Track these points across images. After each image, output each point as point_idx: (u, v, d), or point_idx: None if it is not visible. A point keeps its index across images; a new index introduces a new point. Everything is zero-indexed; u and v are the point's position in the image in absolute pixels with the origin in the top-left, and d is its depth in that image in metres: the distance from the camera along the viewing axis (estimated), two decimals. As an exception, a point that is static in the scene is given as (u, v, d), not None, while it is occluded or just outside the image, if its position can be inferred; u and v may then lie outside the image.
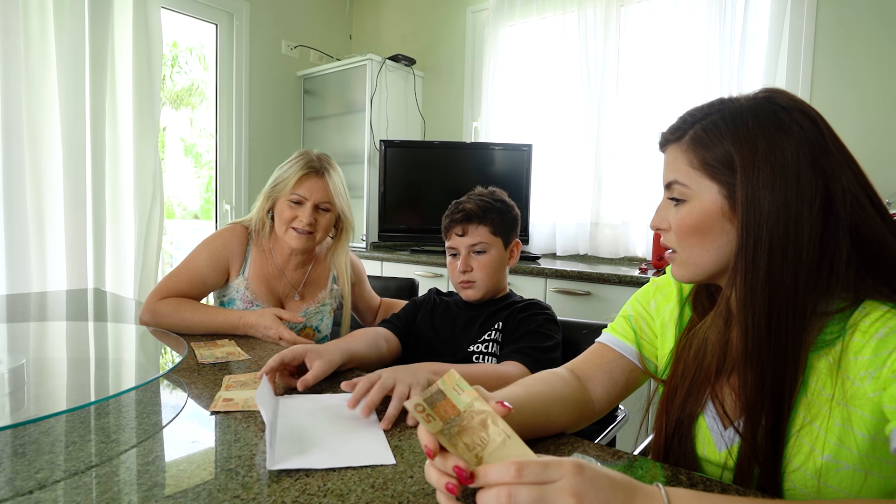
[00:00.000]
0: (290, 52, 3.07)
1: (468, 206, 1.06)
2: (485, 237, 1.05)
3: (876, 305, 0.52)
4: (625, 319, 0.75)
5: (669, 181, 0.61)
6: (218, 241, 1.20)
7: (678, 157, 0.60)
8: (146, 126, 2.31)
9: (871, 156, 1.80)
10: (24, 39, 2.00)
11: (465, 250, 1.06)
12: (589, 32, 2.32)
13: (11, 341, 1.02)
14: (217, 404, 0.71)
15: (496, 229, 1.06)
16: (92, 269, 2.21)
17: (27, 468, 0.52)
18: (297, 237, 1.17)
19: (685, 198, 0.59)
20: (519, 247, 1.13)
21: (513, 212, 1.11)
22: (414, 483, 0.51)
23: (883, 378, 0.48)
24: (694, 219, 0.58)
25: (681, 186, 0.59)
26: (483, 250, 1.06)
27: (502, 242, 1.08)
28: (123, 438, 0.60)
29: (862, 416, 0.50)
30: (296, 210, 1.17)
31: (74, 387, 0.80)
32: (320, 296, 1.28)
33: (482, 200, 1.07)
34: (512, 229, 1.10)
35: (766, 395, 0.54)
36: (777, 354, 0.53)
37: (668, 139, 0.62)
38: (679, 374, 0.64)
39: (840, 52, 1.86)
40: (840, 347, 0.52)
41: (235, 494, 0.48)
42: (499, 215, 1.07)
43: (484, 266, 1.05)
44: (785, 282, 0.52)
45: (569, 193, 2.42)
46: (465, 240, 1.06)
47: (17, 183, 2.00)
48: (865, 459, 0.50)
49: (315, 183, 1.17)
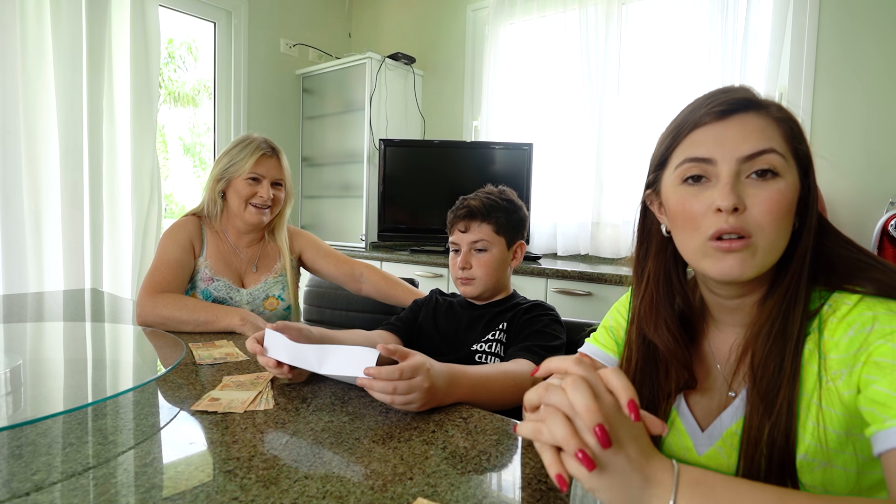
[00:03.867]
0: (288, 50, 3.06)
1: (473, 203, 1.05)
2: (486, 235, 1.05)
3: (842, 299, 0.52)
4: (605, 329, 0.74)
5: (760, 150, 0.52)
6: (176, 229, 1.29)
7: (769, 125, 0.53)
8: (144, 124, 2.30)
9: (875, 154, 1.80)
10: (21, 37, 1.99)
11: (466, 247, 1.06)
12: (590, 30, 2.32)
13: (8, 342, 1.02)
14: (202, 403, 0.70)
15: (499, 228, 1.05)
16: (89, 270, 2.21)
17: (24, 470, 0.51)
18: (256, 212, 1.28)
19: (779, 171, 0.52)
20: (523, 248, 1.11)
21: (519, 213, 1.09)
22: (413, 485, 0.51)
23: (856, 378, 0.49)
24: (791, 197, 0.52)
25: (778, 158, 0.52)
26: (484, 248, 1.05)
27: (505, 242, 1.07)
28: (121, 440, 0.59)
29: (834, 414, 0.50)
30: (255, 187, 1.28)
31: (72, 388, 0.79)
32: (276, 266, 1.36)
33: (489, 198, 1.06)
34: (517, 230, 1.09)
35: (787, 374, 0.53)
36: (795, 339, 0.53)
37: (748, 104, 0.54)
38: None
39: (843, 50, 1.85)
40: (811, 347, 0.53)
41: (234, 496, 0.48)
42: (504, 214, 1.06)
43: (483, 264, 1.04)
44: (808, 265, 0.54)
45: (570, 193, 2.42)
46: (466, 236, 1.05)
47: (13, 182, 2.00)
48: (835, 455, 0.51)
49: (270, 162, 1.30)
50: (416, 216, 2.61)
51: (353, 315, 1.61)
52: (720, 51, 1.98)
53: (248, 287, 1.30)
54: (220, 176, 1.29)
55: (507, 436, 0.63)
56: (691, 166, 0.55)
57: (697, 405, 0.62)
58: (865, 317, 0.50)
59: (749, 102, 0.54)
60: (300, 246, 1.41)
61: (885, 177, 1.78)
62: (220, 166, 1.29)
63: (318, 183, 3.06)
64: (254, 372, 0.86)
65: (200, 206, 1.33)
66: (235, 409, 0.69)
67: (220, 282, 1.26)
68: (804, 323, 0.53)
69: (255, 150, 1.27)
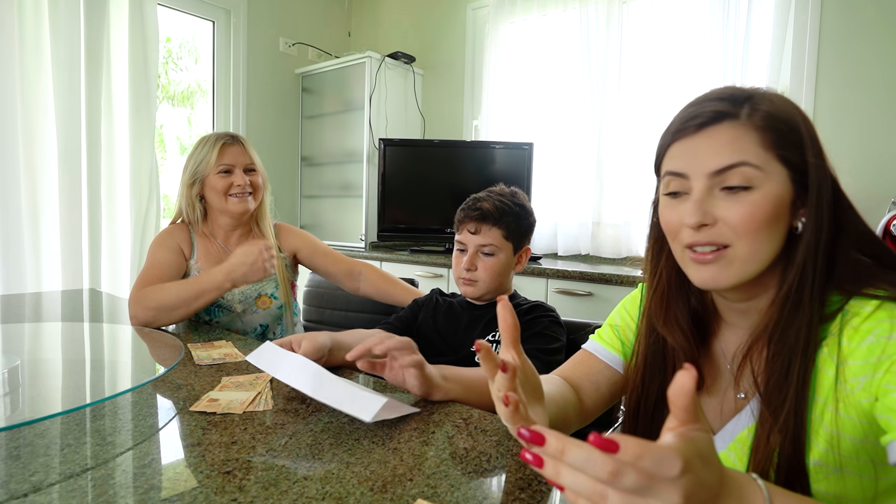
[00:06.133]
0: (288, 49, 3.05)
1: (486, 206, 1.03)
2: (496, 240, 1.03)
3: (861, 304, 0.51)
4: (611, 328, 0.73)
5: (729, 164, 0.51)
6: (164, 235, 1.29)
7: (742, 134, 0.52)
8: (142, 124, 2.30)
9: (876, 154, 1.80)
10: (19, 36, 1.98)
11: (474, 249, 1.04)
12: (591, 29, 2.32)
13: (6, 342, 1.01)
14: (200, 404, 0.70)
15: (509, 234, 1.04)
16: (87, 270, 2.20)
17: (22, 471, 0.51)
18: (238, 201, 1.26)
19: (752, 184, 0.51)
20: (528, 254, 1.10)
21: (529, 218, 1.09)
22: (413, 486, 0.51)
23: (875, 386, 0.48)
24: (770, 207, 0.51)
25: (751, 170, 0.51)
26: (491, 253, 1.03)
27: (512, 248, 1.06)
28: (119, 441, 0.59)
29: (851, 421, 0.50)
30: (228, 178, 1.25)
31: (70, 388, 0.79)
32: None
33: (501, 202, 1.04)
34: (525, 236, 1.08)
35: (798, 381, 0.52)
36: (805, 345, 0.52)
37: (719, 115, 0.53)
38: (639, 393, 0.64)
39: (845, 50, 1.85)
40: (827, 352, 0.52)
41: (233, 498, 0.48)
42: (514, 220, 1.04)
43: (489, 268, 1.03)
44: (818, 269, 0.52)
45: (570, 192, 2.41)
46: (476, 238, 1.04)
47: (11, 182, 1.99)
48: (850, 462, 0.50)
49: (235, 149, 1.27)
50: (415, 216, 2.61)
51: (352, 315, 1.60)
52: (721, 50, 1.98)
53: (241, 286, 1.29)
54: (192, 179, 1.26)
55: (507, 436, 0.63)
56: (670, 180, 0.56)
57: (707, 406, 0.61)
58: (885, 324, 0.49)
59: (721, 114, 0.53)
60: (294, 244, 1.39)
61: (888, 176, 1.78)
62: (189, 171, 1.27)
63: (318, 183, 3.06)
64: (252, 373, 0.85)
65: (178, 215, 1.32)
66: (234, 409, 0.69)
67: None
68: (814, 329, 0.52)
69: (215, 141, 1.26)
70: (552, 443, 0.33)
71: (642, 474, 0.31)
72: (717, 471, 0.35)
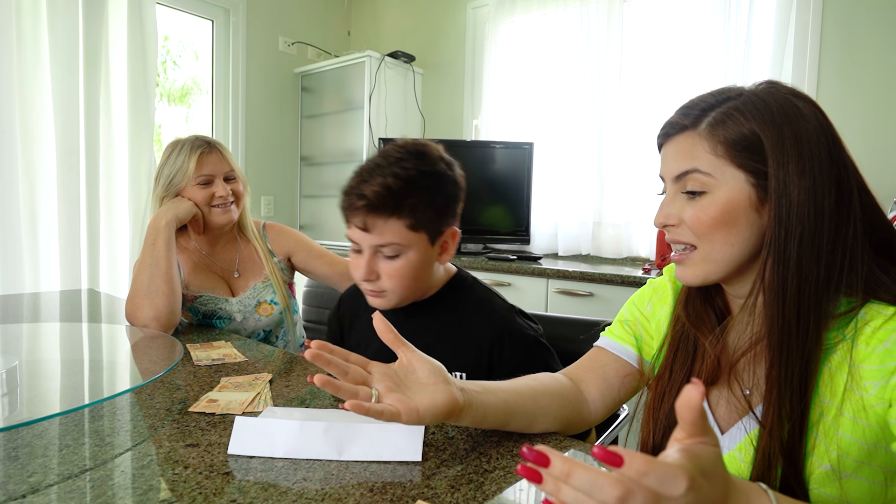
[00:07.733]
0: (287, 48, 3.05)
1: (372, 190, 0.71)
2: (397, 237, 0.73)
3: (878, 309, 0.51)
4: (621, 324, 0.73)
5: (684, 171, 0.56)
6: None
7: (696, 144, 0.55)
8: (141, 123, 2.29)
9: (879, 153, 1.79)
10: (17, 35, 1.98)
11: (370, 251, 0.75)
12: (591, 28, 2.31)
13: (4, 343, 1.01)
14: (200, 405, 0.70)
15: (416, 222, 0.73)
16: (86, 270, 2.20)
17: (20, 472, 0.51)
18: (222, 212, 1.21)
19: (706, 189, 0.55)
20: (456, 236, 0.80)
21: (445, 188, 0.76)
22: (413, 487, 0.50)
23: (889, 391, 0.48)
24: (719, 210, 0.54)
25: (702, 175, 0.55)
26: (395, 254, 0.74)
27: (427, 238, 0.75)
28: (118, 442, 0.59)
29: (863, 426, 0.49)
30: (209, 189, 1.19)
31: (68, 389, 0.79)
32: (263, 271, 1.29)
33: (396, 176, 0.71)
34: (443, 214, 0.76)
35: (793, 385, 0.52)
36: (801, 349, 0.52)
37: (678, 127, 0.57)
38: (666, 380, 0.63)
39: (847, 48, 1.84)
40: (841, 355, 0.51)
41: (232, 499, 0.47)
42: (423, 198, 0.73)
43: (395, 274, 0.75)
44: (812, 273, 0.51)
45: (571, 192, 2.41)
46: (369, 237, 0.74)
47: (9, 182, 1.99)
48: (860, 467, 0.50)
49: (213, 157, 1.20)
50: (415, 215, 2.60)
51: (353, 315, 1.60)
52: (723, 48, 1.98)
53: (238, 295, 1.24)
54: (166, 192, 1.19)
55: (507, 437, 0.62)
56: (661, 182, 0.62)
57: (716, 404, 0.61)
58: None
59: (680, 125, 0.57)
60: (289, 247, 1.34)
61: (891, 175, 1.77)
62: (162, 182, 1.19)
63: (317, 182, 3.06)
64: (252, 373, 0.85)
65: None
66: (233, 410, 0.68)
67: (204, 296, 1.21)
68: (816, 331, 0.51)
69: (191, 150, 1.18)
70: (557, 465, 0.33)
71: (649, 495, 0.31)
72: (723, 485, 0.36)
